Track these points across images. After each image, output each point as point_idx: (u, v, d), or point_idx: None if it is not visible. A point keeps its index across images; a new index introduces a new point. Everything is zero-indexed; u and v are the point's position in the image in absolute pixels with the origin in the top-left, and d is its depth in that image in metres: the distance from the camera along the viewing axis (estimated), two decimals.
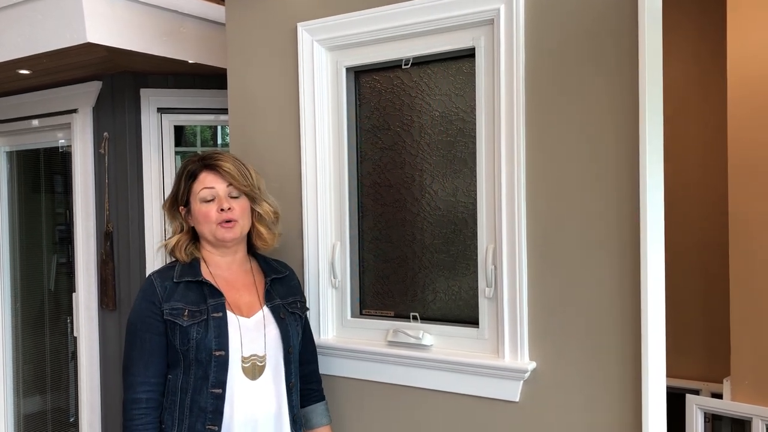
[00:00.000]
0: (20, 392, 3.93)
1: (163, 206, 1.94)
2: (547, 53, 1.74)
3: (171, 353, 1.78)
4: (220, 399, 1.74)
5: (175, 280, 1.80)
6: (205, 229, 1.84)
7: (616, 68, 1.65)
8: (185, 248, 1.87)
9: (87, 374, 3.37)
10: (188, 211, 1.88)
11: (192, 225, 1.89)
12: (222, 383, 1.74)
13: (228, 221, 1.82)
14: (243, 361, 1.78)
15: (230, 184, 1.84)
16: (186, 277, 1.81)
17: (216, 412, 1.74)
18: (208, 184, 1.83)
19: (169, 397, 1.77)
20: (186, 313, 1.76)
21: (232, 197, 1.85)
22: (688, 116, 3.21)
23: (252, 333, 1.81)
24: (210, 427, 1.74)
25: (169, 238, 1.90)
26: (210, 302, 1.78)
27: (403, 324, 2.01)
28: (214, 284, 1.82)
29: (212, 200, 1.83)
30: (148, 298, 1.79)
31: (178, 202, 1.88)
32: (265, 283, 1.91)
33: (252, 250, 1.97)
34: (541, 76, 1.75)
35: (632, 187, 1.63)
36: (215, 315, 1.77)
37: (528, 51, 1.76)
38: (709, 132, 3.15)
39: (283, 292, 1.92)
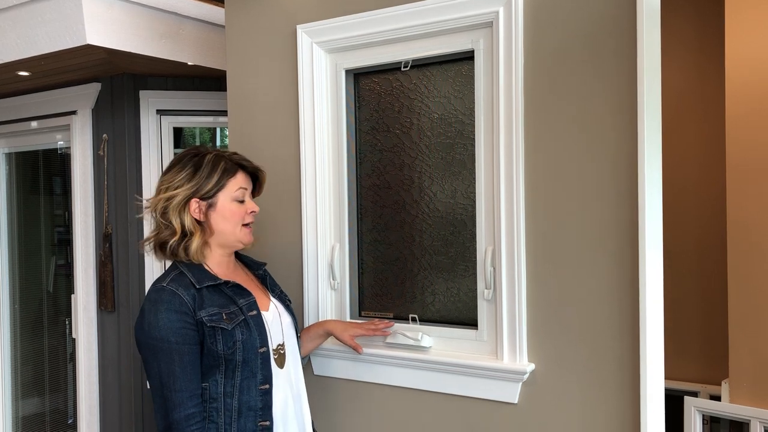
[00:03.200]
0: (19, 394, 3.92)
1: (168, 201, 1.74)
2: (545, 55, 1.74)
3: (207, 360, 1.71)
4: (268, 394, 1.76)
5: (198, 287, 1.72)
6: (229, 229, 1.79)
7: (615, 70, 1.65)
8: (201, 250, 1.78)
9: (85, 376, 3.37)
10: (209, 206, 1.76)
11: (201, 221, 1.77)
12: (269, 378, 1.76)
13: (250, 224, 1.85)
14: (274, 353, 1.80)
15: (251, 190, 1.86)
16: (206, 282, 1.73)
17: (265, 408, 1.75)
18: (244, 184, 1.82)
19: (207, 405, 1.71)
20: (225, 317, 1.72)
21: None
22: (687, 118, 3.21)
23: (274, 325, 1.84)
24: (262, 423, 1.74)
25: (186, 241, 1.74)
26: (241, 302, 1.77)
27: (401, 326, 2.01)
28: (240, 284, 1.80)
29: (242, 202, 1.82)
30: (176, 309, 1.67)
31: (198, 194, 1.75)
32: (261, 276, 1.95)
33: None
34: (540, 79, 1.75)
35: (631, 189, 1.63)
36: (251, 314, 1.76)
37: (527, 53, 1.77)
38: (708, 133, 3.15)
39: (272, 282, 1.98)
